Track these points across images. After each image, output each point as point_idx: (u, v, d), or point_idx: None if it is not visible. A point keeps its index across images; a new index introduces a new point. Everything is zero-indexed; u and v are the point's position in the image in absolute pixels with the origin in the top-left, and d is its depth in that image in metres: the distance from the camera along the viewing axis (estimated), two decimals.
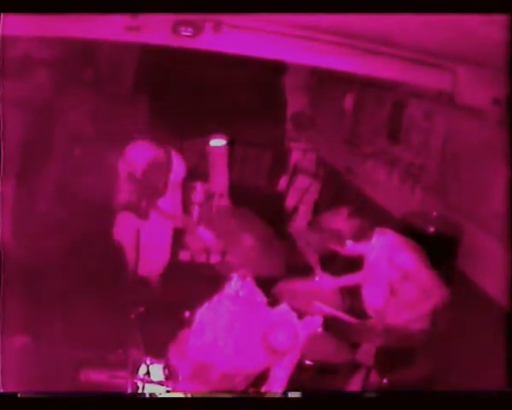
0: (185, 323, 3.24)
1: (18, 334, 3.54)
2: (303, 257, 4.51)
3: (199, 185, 6.31)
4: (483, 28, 2.50)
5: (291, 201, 7.38)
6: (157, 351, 3.24)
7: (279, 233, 4.07)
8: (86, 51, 6.36)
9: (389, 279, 3.68)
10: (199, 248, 5.89)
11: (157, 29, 4.16)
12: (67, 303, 4.11)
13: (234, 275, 3.29)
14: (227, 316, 3.12)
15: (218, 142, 6.72)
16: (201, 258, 5.91)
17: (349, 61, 4.38)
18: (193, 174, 5.78)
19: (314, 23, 3.63)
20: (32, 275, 4.04)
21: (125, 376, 3.18)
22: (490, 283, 4.15)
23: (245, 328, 3.10)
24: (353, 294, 3.92)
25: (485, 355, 3.52)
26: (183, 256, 5.90)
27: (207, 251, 5.92)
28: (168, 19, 4.12)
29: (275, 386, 3.08)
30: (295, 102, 8.20)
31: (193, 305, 3.20)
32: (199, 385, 3.04)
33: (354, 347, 3.51)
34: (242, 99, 7.08)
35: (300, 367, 3.21)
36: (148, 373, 3.17)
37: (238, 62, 5.10)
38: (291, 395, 2.95)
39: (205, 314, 3.14)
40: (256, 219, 3.81)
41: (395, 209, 5.63)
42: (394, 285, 3.66)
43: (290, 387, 3.08)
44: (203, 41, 4.26)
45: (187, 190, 5.71)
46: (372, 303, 3.80)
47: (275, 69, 7.47)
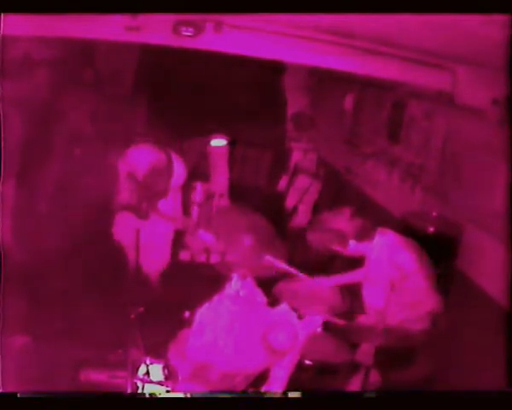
0: (185, 323, 3.24)
1: (18, 334, 3.54)
2: (303, 257, 4.49)
3: (199, 185, 6.30)
4: (483, 28, 2.50)
5: (291, 201, 7.38)
6: (157, 351, 3.24)
7: (279, 233, 4.06)
8: (86, 51, 6.36)
9: (390, 279, 3.67)
10: (199, 248, 5.88)
11: (157, 29, 4.16)
12: (67, 303, 4.11)
13: (234, 275, 3.29)
14: (227, 316, 3.12)
15: (219, 142, 6.71)
16: (201, 258, 5.90)
17: (349, 61, 4.38)
18: (193, 174, 5.77)
19: (314, 23, 3.63)
20: (32, 275, 4.03)
21: (125, 376, 3.18)
22: (490, 283, 4.15)
23: (245, 328, 3.10)
24: (353, 293, 3.91)
25: (484, 355, 3.52)
26: (183, 256, 5.89)
27: (207, 251, 5.91)
28: (168, 19, 4.13)
29: (275, 386, 3.08)
30: (295, 102, 8.19)
31: (193, 305, 3.20)
32: (199, 385, 3.04)
33: (354, 347, 3.51)
34: (242, 99, 7.06)
35: (300, 367, 3.21)
36: (148, 373, 3.17)
37: (238, 62, 5.10)
38: (291, 395, 2.95)
39: (205, 314, 3.14)
40: (257, 217, 3.80)
41: (395, 209, 5.63)
42: (395, 285, 3.67)
43: (290, 387, 3.08)
44: (204, 41, 4.26)
45: (187, 191, 5.71)
46: (372, 303, 3.80)
47: (275, 69, 7.46)
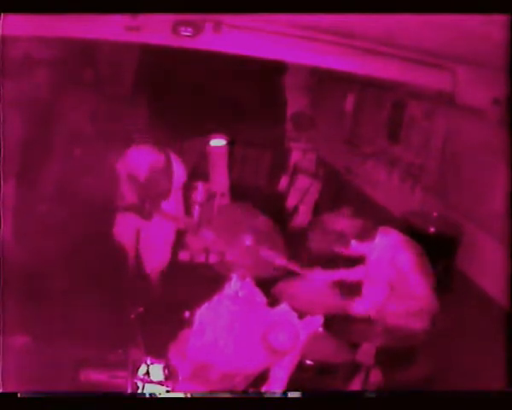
0: (185, 323, 3.24)
1: (18, 334, 3.54)
2: (304, 257, 4.49)
3: (200, 185, 6.29)
4: (483, 28, 2.50)
5: (291, 201, 7.38)
6: (157, 351, 3.24)
7: (280, 233, 4.07)
8: (86, 51, 6.36)
9: (389, 279, 3.68)
10: (199, 248, 5.88)
11: (157, 29, 4.16)
12: (67, 303, 4.11)
13: (233, 275, 3.29)
14: (227, 316, 3.11)
15: (218, 142, 6.71)
16: (201, 258, 5.90)
17: (349, 61, 4.38)
18: (193, 174, 5.77)
19: (314, 23, 3.63)
20: (32, 275, 4.03)
21: (125, 376, 3.18)
22: (490, 283, 4.16)
23: (245, 328, 3.09)
24: (353, 293, 3.91)
25: (485, 355, 3.52)
26: (183, 256, 5.89)
27: (207, 251, 5.91)
28: (168, 19, 4.13)
29: (275, 386, 3.08)
30: (295, 102, 8.19)
31: (193, 305, 3.20)
32: (199, 385, 3.04)
33: (354, 347, 3.51)
34: (242, 99, 7.07)
35: (300, 367, 3.20)
36: (148, 373, 3.17)
37: (238, 62, 5.10)
38: (291, 395, 2.95)
39: (205, 314, 3.14)
40: (258, 216, 3.80)
41: (395, 209, 5.63)
42: (394, 285, 3.67)
43: (290, 387, 3.07)
44: (203, 41, 4.26)
45: (188, 190, 5.71)
46: (372, 302, 3.79)
47: (275, 69, 7.46)
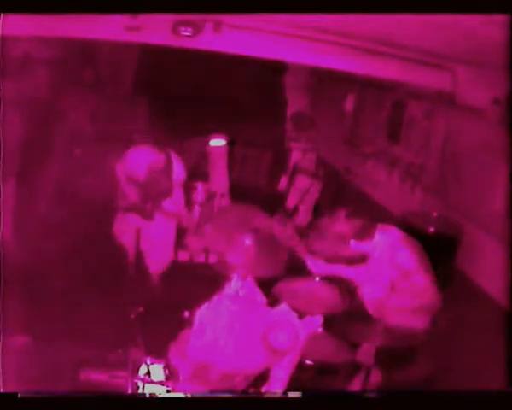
0: (185, 323, 3.23)
1: (18, 334, 3.54)
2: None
3: (200, 185, 6.30)
4: (483, 28, 2.50)
5: (291, 201, 7.37)
6: (157, 351, 3.24)
7: None
8: (86, 51, 6.36)
9: (390, 278, 3.68)
10: (198, 248, 5.88)
11: (157, 29, 4.16)
12: (67, 303, 4.11)
13: (234, 275, 3.29)
14: (227, 316, 3.11)
15: (218, 142, 6.70)
16: (201, 258, 5.90)
17: (349, 61, 4.38)
18: (193, 174, 5.77)
19: (314, 23, 3.63)
20: (32, 275, 4.03)
21: (125, 376, 3.18)
22: (490, 283, 4.15)
23: (245, 328, 3.09)
24: (353, 293, 3.91)
25: (484, 355, 3.52)
26: (183, 256, 5.90)
27: (207, 251, 5.91)
28: (168, 19, 4.12)
29: (275, 386, 3.08)
30: (295, 102, 8.19)
31: (193, 305, 3.20)
32: (199, 385, 3.04)
33: (354, 347, 3.51)
34: (242, 99, 7.07)
35: (300, 367, 3.20)
36: (149, 373, 3.17)
37: (238, 62, 5.10)
38: (291, 395, 2.95)
39: (205, 314, 3.14)
40: (259, 214, 3.80)
41: (395, 209, 5.62)
42: (395, 284, 3.67)
43: (290, 387, 3.07)
44: (203, 41, 4.26)
45: (188, 190, 5.71)
46: (373, 301, 3.80)
47: (275, 69, 7.45)
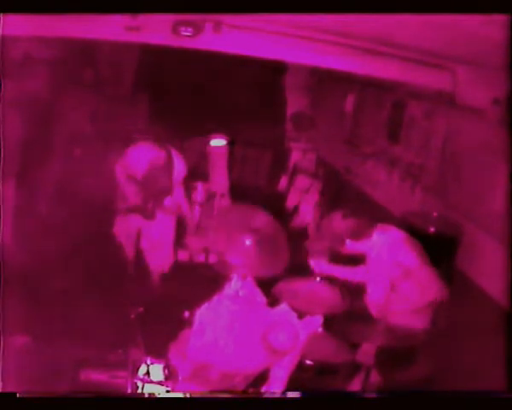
0: (185, 323, 3.23)
1: (18, 334, 3.54)
2: (304, 257, 4.50)
3: (200, 185, 6.30)
4: (483, 28, 2.50)
5: (291, 201, 7.37)
6: (157, 351, 3.24)
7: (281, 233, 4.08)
8: (86, 51, 6.36)
9: (390, 277, 3.68)
10: (198, 248, 5.88)
11: (157, 29, 4.16)
12: (67, 303, 4.11)
13: (234, 275, 3.29)
14: (227, 316, 3.11)
15: (218, 142, 6.70)
16: (201, 258, 5.91)
17: (349, 61, 4.38)
18: (193, 174, 5.77)
19: (314, 23, 3.63)
20: (32, 275, 4.03)
21: (125, 376, 3.18)
22: (490, 283, 4.16)
23: (245, 328, 3.09)
24: (353, 293, 3.92)
25: (484, 355, 3.52)
26: (183, 256, 5.90)
27: (207, 251, 5.91)
28: (168, 19, 4.12)
29: (275, 386, 3.07)
30: (295, 102, 8.19)
31: (193, 305, 3.20)
32: (199, 385, 3.04)
33: (354, 347, 3.51)
34: (242, 99, 7.07)
35: (300, 367, 3.20)
36: (149, 373, 3.17)
37: (238, 62, 5.10)
38: (291, 395, 2.95)
39: (205, 314, 3.14)
40: (259, 216, 3.80)
41: (395, 209, 5.63)
42: (395, 284, 3.67)
43: (290, 387, 3.07)
44: (203, 41, 4.26)
45: (188, 190, 5.71)
46: (374, 301, 3.80)
47: (275, 69, 7.46)
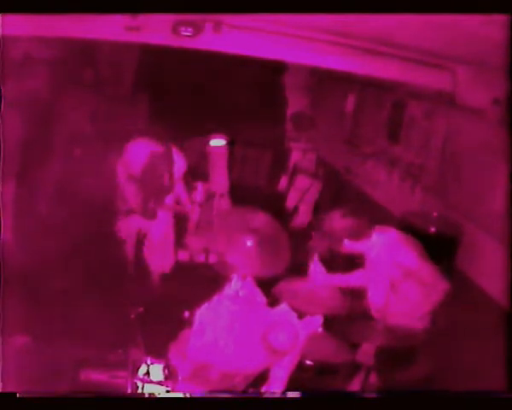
0: (185, 323, 3.24)
1: (18, 334, 3.54)
2: (304, 257, 4.50)
3: (200, 185, 6.30)
4: (483, 28, 2.50)
5: (291, 201, 7.37)
6: (157, 351, 3.24)
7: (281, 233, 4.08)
8: (86, 51, 6.36)
9: (390, 278, 3.68)
10: (199, 248, 5.89)
11: (157, 29, 4.16)
12: (67, 303, 4.11)
13: (234, 275, 3.29)
14: (227, 316, 3.11)
15: (218, 142, 6.70)
16: (201, 258, 5.91)
17: (349, 61, 4.38)
18: (193, 174, 5.77)
19: (314, 23, 3.63)
20: (32, 275, 4.04)
21: (125, 376, 3.18)
22: (490, 283, 4.15)
23: (245, 328, 3.09)
24: (353, 294, 3.91)
25: (484, 355, 3.52)
26: (183, 256, 5.90)
27: (207, 251, 5.92)
28: (168, 19, 4.12)
29: (275, 386, 3.07)
30: (295, 102, 8.20)
31: (193, 305, 3.20)
32: (199, 385, 3.04)
33: (354, 347, 3.51)
34: (242, 99, 7.07)
35: (300, 367, 3.20)
36: (149, 373, 3.17)
37: (238, 62, 5.10)
38: (291, 395, 2.95)
39: (205, 314, 3.14)
40: (259, 216, 3.81)
41: (395, 209, 5.63)
42: (395, 283, 3.67)
43: (290, 387, 3.07)
44: (203, 41, 4.26)
45: (189, 187, 5.71)
46: (374, 302, 3.80)
47: (275, 69, 7.46)
